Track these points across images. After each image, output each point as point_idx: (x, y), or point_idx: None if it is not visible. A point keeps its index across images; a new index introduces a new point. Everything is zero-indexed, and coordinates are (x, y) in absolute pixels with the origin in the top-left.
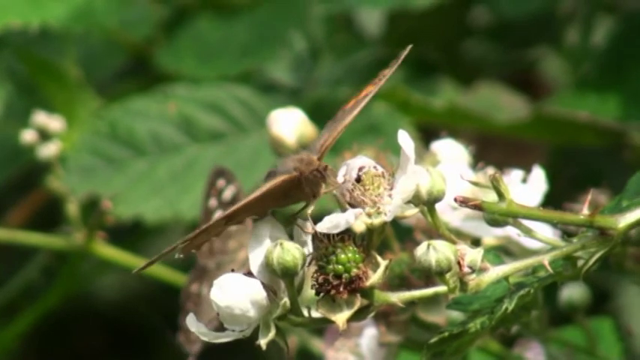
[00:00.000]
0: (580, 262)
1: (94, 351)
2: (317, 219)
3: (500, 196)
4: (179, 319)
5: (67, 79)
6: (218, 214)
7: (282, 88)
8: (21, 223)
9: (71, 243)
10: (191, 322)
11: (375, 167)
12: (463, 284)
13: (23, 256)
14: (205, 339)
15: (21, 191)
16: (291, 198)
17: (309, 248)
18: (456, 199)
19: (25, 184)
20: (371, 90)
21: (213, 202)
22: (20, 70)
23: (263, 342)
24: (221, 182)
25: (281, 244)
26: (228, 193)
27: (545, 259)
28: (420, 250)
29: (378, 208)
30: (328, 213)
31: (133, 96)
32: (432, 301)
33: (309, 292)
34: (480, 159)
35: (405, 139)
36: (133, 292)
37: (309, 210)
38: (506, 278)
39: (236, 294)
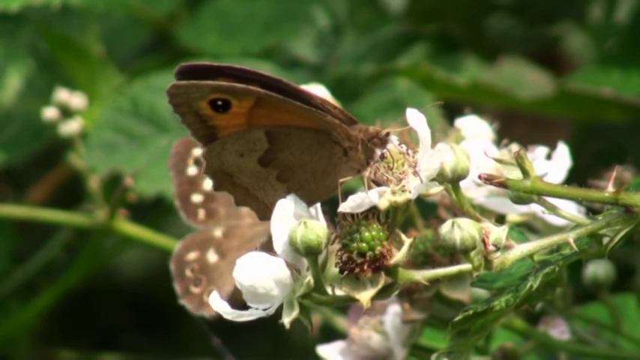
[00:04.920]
0: (605, 240)
1: (117, 328)
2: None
3: (525, 173)
4: (176, 285)
5: (89, 56)
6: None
7: (305, 64)
8: (43, 200)
9: (93, 220)
10: (214, 301)
11: (399, 144)
12: (487, 262)
13: (45, 234)
14: (228, 317)
15: (43, 168)
16: (324, 150)
17: None
18: (480, 177)
19: (47, 161)
20: None
21: (192, 170)
22: (42, 47)
23: (287, 320)
24: (196, 150)
25: (305, 222)
26: None
27: (570, 237)
28: (445, 228)
29: (403, 186)
30: (352, 192)
31: (155, 72)
32: (457, 278)
33: (332, 270)
34: (503, 135)
35: (415, 118)
36: (156, 269)
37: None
38: (530, 256)
39: (260, 273)
